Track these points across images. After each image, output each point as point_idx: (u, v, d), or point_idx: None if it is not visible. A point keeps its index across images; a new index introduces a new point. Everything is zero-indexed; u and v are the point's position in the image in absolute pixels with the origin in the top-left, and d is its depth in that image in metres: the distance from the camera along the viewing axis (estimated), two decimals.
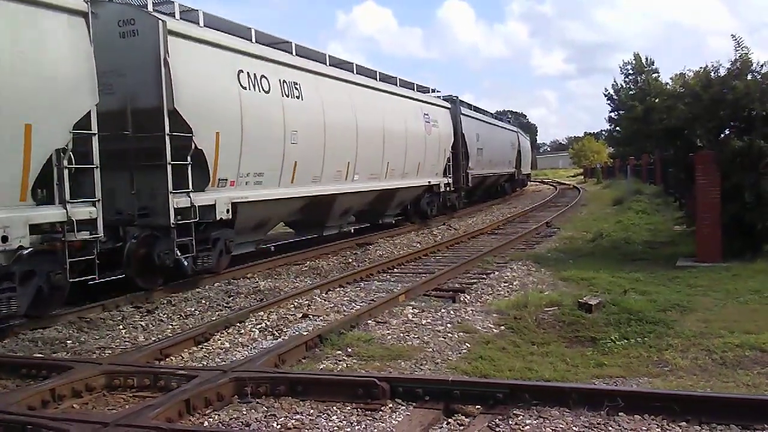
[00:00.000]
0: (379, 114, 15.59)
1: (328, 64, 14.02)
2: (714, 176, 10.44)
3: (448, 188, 20.76)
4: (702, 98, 11.09)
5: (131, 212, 9.16)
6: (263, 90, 11.03)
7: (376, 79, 16.27)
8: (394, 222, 18.61)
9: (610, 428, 3.96)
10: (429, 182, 19.24)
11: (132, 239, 8.99)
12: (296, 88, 12.01)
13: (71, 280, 7.53)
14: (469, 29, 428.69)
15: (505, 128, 34.02)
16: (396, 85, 17.67)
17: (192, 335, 6.69)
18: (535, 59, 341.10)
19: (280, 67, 11.75)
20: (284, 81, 11.72)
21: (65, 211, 7.27)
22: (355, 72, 15.22)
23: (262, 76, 11.04)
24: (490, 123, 28.93)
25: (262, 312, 7.83)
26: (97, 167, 7.71)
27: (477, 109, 26.84)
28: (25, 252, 6.87)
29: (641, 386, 5.05)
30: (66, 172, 7.31)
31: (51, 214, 7.22)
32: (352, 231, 15.97)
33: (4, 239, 6.67)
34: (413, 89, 19.09)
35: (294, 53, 12.66)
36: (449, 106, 21.56)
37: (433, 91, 21.44)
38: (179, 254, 9.18)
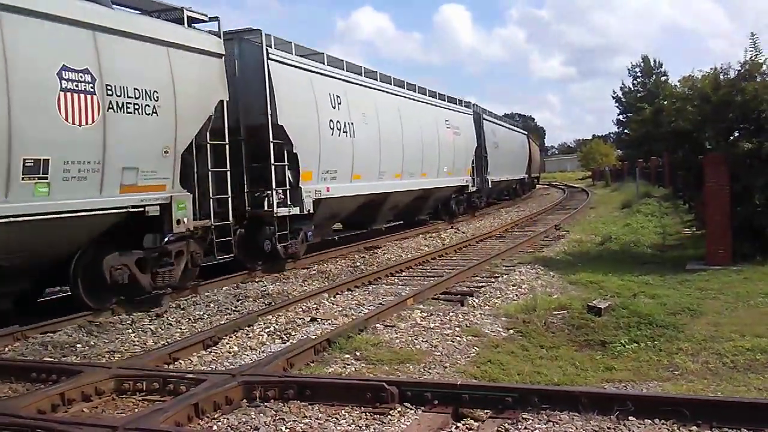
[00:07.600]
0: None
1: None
2: (723, 179, 10.35)
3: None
4: (711, 100, 11.04)
5: None
6: None
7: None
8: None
9: None
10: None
11: None
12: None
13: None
14: (468, 34, 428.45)
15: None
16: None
17: (201, 339, 6.71)
18: (534, 63, 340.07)
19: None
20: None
21: None
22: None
23: None
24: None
25: (270, 316, 7.85)
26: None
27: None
28: None
29: (651, 390, 5.02)
30: None
31: None
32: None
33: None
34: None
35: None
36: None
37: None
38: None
